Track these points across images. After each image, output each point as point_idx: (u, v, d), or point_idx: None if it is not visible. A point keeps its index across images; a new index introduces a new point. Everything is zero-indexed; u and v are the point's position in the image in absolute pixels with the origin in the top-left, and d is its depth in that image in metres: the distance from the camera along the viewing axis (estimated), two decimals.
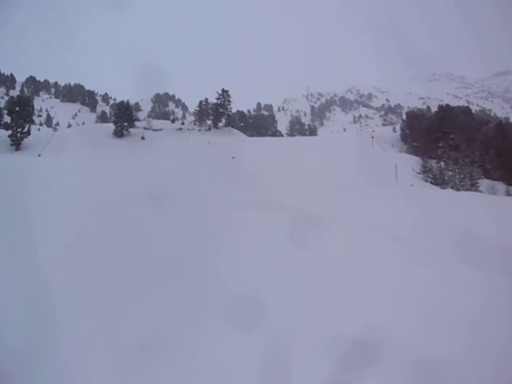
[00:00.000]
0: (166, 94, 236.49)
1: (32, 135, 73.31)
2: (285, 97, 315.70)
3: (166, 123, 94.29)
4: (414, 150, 77.94)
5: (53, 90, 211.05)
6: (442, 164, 48.82)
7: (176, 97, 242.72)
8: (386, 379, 4.35)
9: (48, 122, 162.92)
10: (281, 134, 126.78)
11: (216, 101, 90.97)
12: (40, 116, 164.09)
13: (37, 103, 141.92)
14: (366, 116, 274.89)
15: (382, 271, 6.75)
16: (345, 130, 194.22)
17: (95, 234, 7.81)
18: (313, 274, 6.55)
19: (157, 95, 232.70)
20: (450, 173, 45.77)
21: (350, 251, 7.58)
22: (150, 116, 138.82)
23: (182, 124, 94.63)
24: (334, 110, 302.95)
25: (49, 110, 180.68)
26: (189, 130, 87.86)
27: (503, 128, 76.70)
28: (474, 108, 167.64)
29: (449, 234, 8.21)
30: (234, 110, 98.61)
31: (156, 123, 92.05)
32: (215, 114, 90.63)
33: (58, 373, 4.28)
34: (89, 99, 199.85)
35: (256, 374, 4.36)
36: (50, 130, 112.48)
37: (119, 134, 79.38)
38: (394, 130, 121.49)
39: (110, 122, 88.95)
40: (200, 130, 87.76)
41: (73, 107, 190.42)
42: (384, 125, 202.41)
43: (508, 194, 48.28)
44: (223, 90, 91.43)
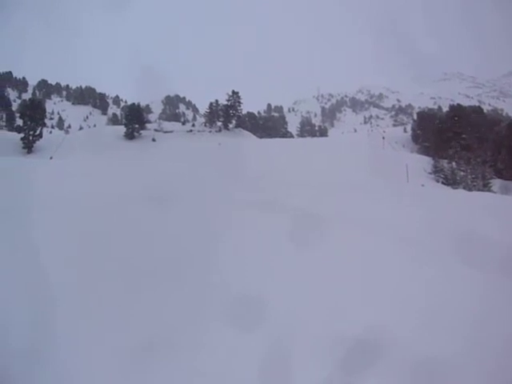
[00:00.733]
0: (177, 95, 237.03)
1: (44, 138, 73.80)
2: (295, 98, 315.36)
3: (176, 125, 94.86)
4: (425, 150, 77.25)
5: (64, 93, 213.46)
6: (454, 164, 48.53)
7: (186, 99, 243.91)
8: (388, 379, 4.32)
9: (60, 124, 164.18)
10: (291, 135, 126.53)
11: (226, 102, 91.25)
12: (52, 119, 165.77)
13: (48, 106, 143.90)
14: (377, 116, 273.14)
15: (385, 271, 6.71)
16: (355, 131, 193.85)
17: (97, 235, 7.85)
18: (314, 274, 6.52)
19: (167, 97, 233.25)
20: (461, 173, 45.53)
21: (352, 251, 7.54)
22: (160, 118, 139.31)
23: (193, 126, 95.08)
24: (345, 110, 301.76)
25: (60, 112, 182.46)
26: (199, 131, 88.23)
27: None
28: (486, 107, 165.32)
29: (454, 235, 8.12)
30: (244, 112, 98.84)
31: (167, 125, 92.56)
32: (225, 115, 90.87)
33: (59, 373, 4.29)
34: (100, 102, 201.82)
35: (258, 374, 4.35)
36: (62, 132, 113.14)
37: (130, 136, 79.99)
38: (405, 131, 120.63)
39: (121, 125, 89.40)
40: (210, 132, 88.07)
41: (84, 110, 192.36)
42: (395, 125, 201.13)
43: None
44: (233, 92, 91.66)
